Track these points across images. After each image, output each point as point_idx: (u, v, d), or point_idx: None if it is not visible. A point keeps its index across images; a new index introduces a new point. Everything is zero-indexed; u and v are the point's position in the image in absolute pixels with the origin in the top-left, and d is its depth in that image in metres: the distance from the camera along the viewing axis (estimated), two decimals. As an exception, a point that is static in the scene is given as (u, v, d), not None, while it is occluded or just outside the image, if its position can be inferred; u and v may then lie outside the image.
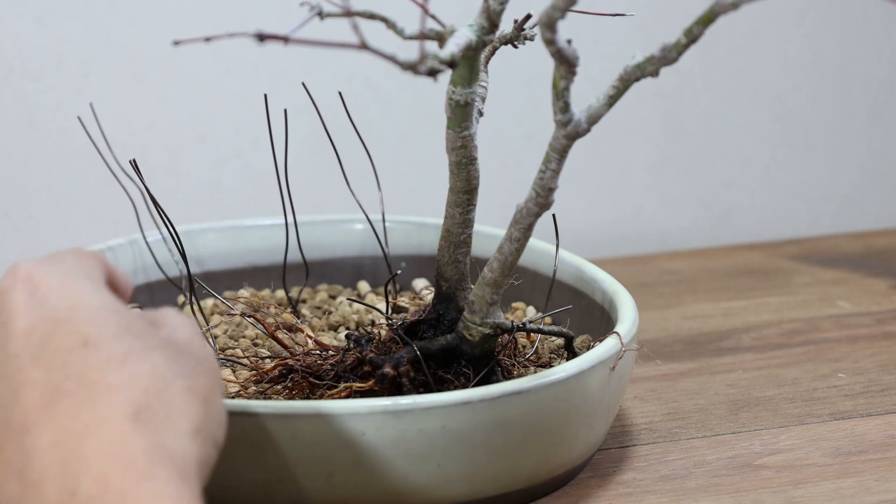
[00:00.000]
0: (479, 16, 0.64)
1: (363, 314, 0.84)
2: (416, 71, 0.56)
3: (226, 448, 0.64)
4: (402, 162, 1.13)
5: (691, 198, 1.21)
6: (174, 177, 1.09)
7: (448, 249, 0.71)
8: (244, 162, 1.11)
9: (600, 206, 1.19)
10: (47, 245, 1.08)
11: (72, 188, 1.08)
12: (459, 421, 0.65)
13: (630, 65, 0.62)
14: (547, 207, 0.65)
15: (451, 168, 0.69)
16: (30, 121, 1.06)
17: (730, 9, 0.58)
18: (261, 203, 1.09)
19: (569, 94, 0.61)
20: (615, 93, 0.63)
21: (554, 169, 0.64)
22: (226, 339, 0.80)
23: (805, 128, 1.22)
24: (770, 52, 1.20)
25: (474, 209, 0.70)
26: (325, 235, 0.91)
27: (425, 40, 0.61)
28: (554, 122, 0.63)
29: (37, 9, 1.04)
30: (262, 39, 0.53)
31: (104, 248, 0.85)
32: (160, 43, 1.07)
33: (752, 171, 1.22)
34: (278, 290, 0.89)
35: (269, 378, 0.71)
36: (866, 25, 1.21)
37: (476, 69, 0.66)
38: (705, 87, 1.19)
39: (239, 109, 1.10)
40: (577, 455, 0.71)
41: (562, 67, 0.61)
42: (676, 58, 0.61)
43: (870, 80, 1.22)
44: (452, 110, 0.67)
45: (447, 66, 0.57)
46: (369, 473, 0.65)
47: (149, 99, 1.08)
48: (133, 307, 0.86)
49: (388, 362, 0.68)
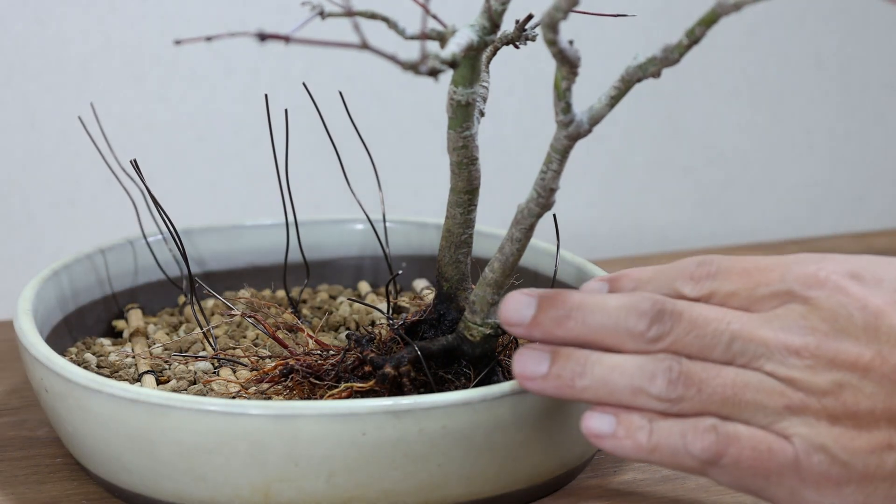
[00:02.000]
0: (481, 16, 0.64)
1: (363, 315, 0.84)
2: (417, 71, 0.56)
3: (226, 448, 0.64)
4: (402, 162, 1.13)
5: (691, 198, 1.21)
6: (174, 177, 1.09)
7: (449, 249, 0.71)
8: (244, 162, 1.11)
9: (600, 205, 1.19)
10: (47, 245, 1.08)
11: (72, 188, 1.08)
12: (460, 421, 0.65)
13: (632, 65, 0.62)
14: (548, 208, 0.65)
15: (452, 168, 0.69)
16: (30, 121, 1.06)
17: (732, 10, 0.58)
18: (261, 203, 1.09)
19: (570, 94, 0.61)
20: (617, 93, 0.63)
21: (555, 169, 0.64)
22: (226, 340, 0.80)
23: (805, 128, 1.22)
24: (770, 52, 1.20)
25: (475, 209, 0.70)
26: (326, 236, 0.91)
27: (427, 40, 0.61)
28: (555, 123, 0.63)
29: (37, 9, 1.04)
30: (264, 39, 0.53)
31: (104, 248, 0.85)
32: (160, 43, 1.07)
33: (752, 171, 1.22)
34: (279, 290, 0.89)
35: (270, 378, 0.71)
36: (866, 25, 1.21)
37: (477, 69, 0.66)
38: (704, 87, 1.19)
39: (239, 109, 1.10)
40: (577, 455, 0.71)
41: (563, 68, 0.61)
42: (678, 59, 0.61)
43: (870, 80, 1.22)
44: (454, 110, 0.67)
45: (448, 66, 0.57)
46: (370, 473, 0.65)
47: (149, 99, 1.08)
48: (133, 307, 0.86)
49: (389, 362, 0.68)
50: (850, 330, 0.60)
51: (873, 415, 0.60)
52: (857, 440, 0.60)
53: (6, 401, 0.83)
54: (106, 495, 0.71)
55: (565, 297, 0.64)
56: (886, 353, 0.60)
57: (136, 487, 0.68)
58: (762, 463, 0.60)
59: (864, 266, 0.62)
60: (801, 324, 0.61)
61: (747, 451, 0.61)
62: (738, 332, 0.61)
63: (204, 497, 0.66)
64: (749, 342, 0.61)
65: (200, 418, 0.64)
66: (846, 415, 0.60)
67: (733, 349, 0.61)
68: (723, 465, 0.61)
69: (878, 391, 0.60)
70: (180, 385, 0.75)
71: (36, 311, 0.76)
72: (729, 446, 0.61)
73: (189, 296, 0.81)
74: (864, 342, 0.60)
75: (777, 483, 0.61)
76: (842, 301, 0.61)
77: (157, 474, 0.66)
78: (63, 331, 0.81)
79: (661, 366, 0.62)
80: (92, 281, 0.84)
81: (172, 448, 0.65)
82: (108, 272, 0.85)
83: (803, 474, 0.60)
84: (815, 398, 0.60)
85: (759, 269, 0.63)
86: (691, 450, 0.61)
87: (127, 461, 0.67)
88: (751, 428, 0.61)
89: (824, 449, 0.60)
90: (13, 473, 0.74)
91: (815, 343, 0.60)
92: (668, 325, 0.62)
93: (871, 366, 0.60)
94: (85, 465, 0.71)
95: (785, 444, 0.60)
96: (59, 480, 0.73)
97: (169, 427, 0.65)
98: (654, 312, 0.62)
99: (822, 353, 0.60)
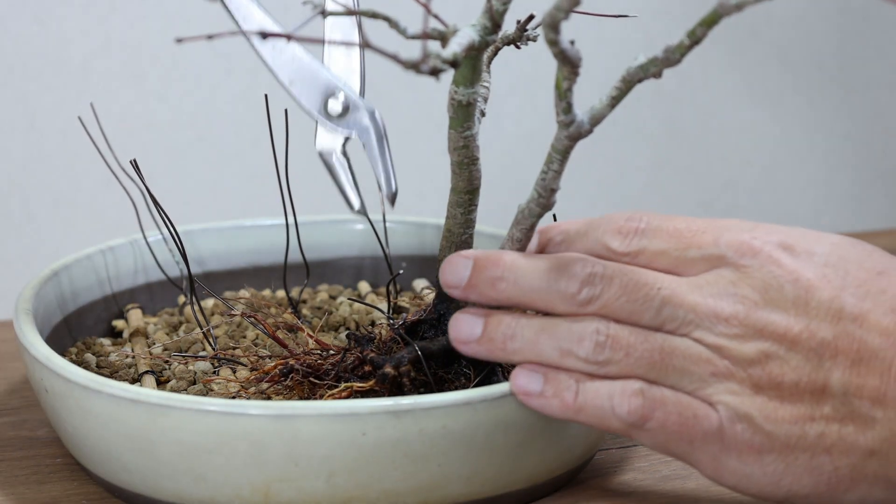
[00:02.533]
0: (482, 16, 0.64)
1: (363, 315, 0.84)
2: (418, 70, 0.56)
3: (226, 448, 0.64)
4: (402, 162, 1.13)
5: (691, 198, 1.21)
6: (174, 177, 1.09)
7: (449, 250, 0.71)
8: (244, 162, 1.10)
9: (600, 205, 1.19)
10: (47, 245, 1.08)
11: (72, 188, 1.08)
12: (460, 421, 0.65)
13: (633, 66, 0.62)
14: (549, 208, 0.65)
15: (452, 168, 0.69)
16: (30, 121, 1.06)
17: (734, 10, 0.58)
18: (261, 203, 1.09)
19: (571, 94, 0.61)
20: (618, 94, 0.63)
21: (556, 170, 0.64)
22: (226, 340, 0.80)
23: (805, 128, 1.22)
24: (770, 52, 1.20)
25: (476, 209, 0.70)
26: (326, 235, 0.91)
27: (428, 40, 0.61)
28: (556, 123, 0.63)
29: (37, 9, 1.04)
30: (265, 38, 0.53)
31: (104, 248, 0.85)
32: (160, 43, 1.07)
33: (752, 171, 1.22)
34: (279, 290, 0.89)
35: (269, 378, 0.71)
36: (866, 25, 1.21)
37: (478, 69, 0.66)
38: (704, 87, 1.19)
39: (239, 109, 1.10)
40: (577, 455, 0.71)
41: (565, 68, 0.61)
42: (680, 59, 0.61)
43: (870, 80, 1.22)
44: (455, 110, 0.67)
45: (449, 65, 0.57)
46: (370, 474, 0.65)
47: (149, 99, 1.08)
48: (133, 307, 0.86)
49: (389, 362, 0.68)
50: (779, 302, 0.61)
51: (798, 387, 0.60)
52: (780, 410, 0.61)
53: (6, 401, 0.83)
54: (106, 495, 0.71)
55: (498, 258, 0.65)
56: (814, 327, 0.60)
57: (136, 487, 0.68)
58: (687, 428, 0.61)
59: (797, 238, 0.63)
60: (732, 291, 0.61)
61: (673, 416, 0.61)
62: (669, 297, 0.62)
63: (204, 497, 0.66)
64: (678, 308, 0.62)
65: (200, 418, 0.64)
66: (771, 385, 0.61)
67: (663, 314, 0.62)
68: (648, 429, 0.62)
69: (803, 364, 0.60)
70: (180, 385, 0.75)
71: (36, 311, 0.76)
72: (655, 410, 0.62)
73: (189, 296, 0.81)
74: (794, 315, 0.61)
75: (701, 448, 0.62)
76: (774, 272, 0.61)
77: (157, 474, 0.66)
78: (63, 331, 0.81)
79: (589, 328, 0.63)
80: (92, 281, 0.84)
81: (172, 448, 0.65)
82: (107, 272, 0.85)
83: (726, 441, 0.61)
84: (740, 367, 0.61)
85: (692, 230, 0.64)
86: (618, 412, 0.62)
87: (127, 461, 0.67)
88: (677, 393, 0.62)
89: (748, 418, 0.61)
90: (13, 473, 0.74)
91: (745, 312, 0.61)
92: (598, 289, 0.63)
93: (798, 338, 0.60)
94: (85, 465, 0.71)
95: (710, 411, 0.61)
96: (59, 480, 0.73)
97: (169, 427, 0.65)
98: (584, 275, 0.63)
99: (750, 323, 0.61)
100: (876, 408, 0.60)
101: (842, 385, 0.60)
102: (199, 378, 0.75)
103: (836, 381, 0.60)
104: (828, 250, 0.62)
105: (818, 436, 0.60)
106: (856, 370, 0.60)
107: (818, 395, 0.60)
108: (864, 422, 0.60)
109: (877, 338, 0.60)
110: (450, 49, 0.59)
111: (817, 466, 0.61)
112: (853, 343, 0.60)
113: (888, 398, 0.59)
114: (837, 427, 0.60)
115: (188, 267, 0.81)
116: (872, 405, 0.60)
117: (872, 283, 0.61)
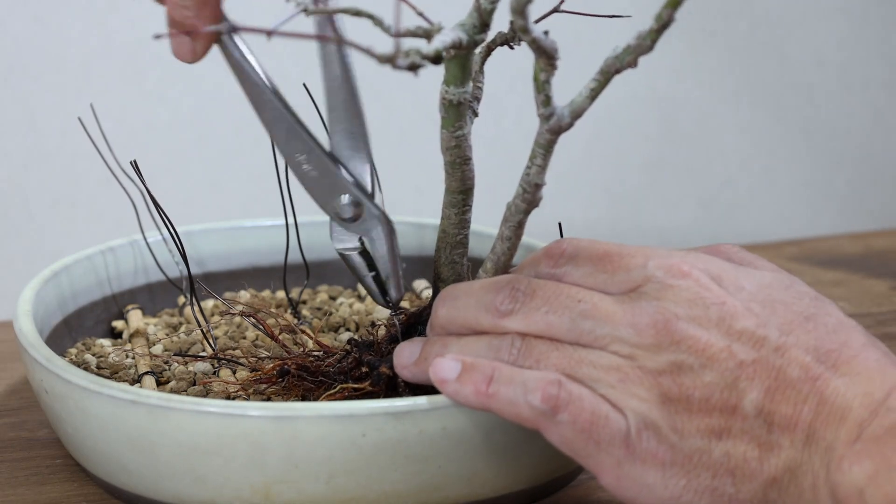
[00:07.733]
0: (470, 15, 0.63)
1: (363, 315, 0.84)
2: (395, 65, 0.55)
3: (226, 449, 0.64)
4: (402, 162, 1.13)
5: (690, 197, 1.21)
6: (174, 177, 1.09)
7: (445, 250, 0.71)
8: (244, 162, 1.11)
9: (598, 205, 1.19)
10: (47, 245, 1.08)
11: (72, 188, 1.08)
12: (460, 422, 0.65)
13: (609, 56, 0.62)
14: (535, 204, 0.65)
15: (445, 168, 0.69)
16: (30, 121, 1.06)
17: None
18: (261, 203, 1.09)
19: (550, 87, 0.61)
20: (597, 86, 0.62)
21: (539, 164, 0.64)
22: (226, 340, 0.80)
23: (805, 128, 1.22)
24: (769, 52, 1.20)
25: (470, 210, 0.70)
26: (326, 236, 0.91)
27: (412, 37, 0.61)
28: (537, 117, 0.63)
29: (37, 9, 1.04)
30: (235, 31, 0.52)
31: (104, 249, 0.85)
32: (160, 43, 1.07)
33: (752, 171, 1.22)
34: (279, 291, 0.89)
35: (266, 378, 0.71)
36: (866, 25, 1.21)
37: (468, 68, 0.65)
38: (703, 86, 1.19)
39: (239, 109, 1.10)
40: (577, 456, 0.71)
41: (541, 59, 0.60)
42: (651, 45, 0.60)
43: (870, 80, 1.22)
44: (446, 110, 0.66)
45: (430, 61, 0.57)
46: (370, 475, 0.65)
47: (149, 99, 1.08)
48: (133, 308, 0.86)
49: (385, 363, 0.68)
50: (703, 320, 0.61)
51: (708, 402, 0.60)
52: (687, 423, 0.61)
53: (6, 401, 0.83)
54: (106, 496, 0.71)
55: (449, 289, 0.67)
56: (736, 348, 0.61)
57: (135, 489, 0.68)
58: (597, 428, 0.61)
59: (727, 271, 0.63)
60: (654, 305, 0.62)
61: (586, 412, 0.62)
62: (588, 310, 0.63)
63: (204, 498, 0.66)
64: (596, 320, 0.62)
65: (200, 419, 0.64)
66: (680, 397, 0.61)
67: (580, 326, 0.63)
68: (559, 421, 0.62)
69: (718, 380, 0.60)
70: (180, 386, 0.75)
71: (36, 311, 0.76)
72: (570, 403, 0.62)
73: (189, 296, 0.81)
74: (716, 334, 0.61)
75: (606, 451, 0.62)
76: (701, 294, 0.62)
77: (157, 475, 0.66)
78: (63, 332, 0.81)
79: (506, 341, 0.64)
80: (92, 282, 0.84)
81: (172, 449, 0.65)
82: (107, 273, 0.85)
83: (632, 448, 0.61)
84: (651, 375, 0.61)
85: (621, 254, 0.64)
86: (531, 399, 0.62)
87: (127, 462, 0.67)
88: (594, 393, 0.62)
89: (654, 426, 0.61)
90: (13, 474, 0.74)
91: (664, 322, 0.61)
92: (519, 302, 0.64)
93: (717, 356, 0.61)
94: (85, 466, 0.71)
95: (619, 416, 0.61)
96: (59, 482, 0.73)
97: (169, 428, 0.65)
98: (508, 289, 0.64)
99: (668, 333, 0.61)
100: (784, 435, 0.60)
101: (755, 407, 0.60)
102: (199, 379, 0.75)
103: (750, 403, 0.60)
104: (755, 290, 0.62)
105: (723, 454, 0.60)
106: (770, 396, 0.60)
107: (729, 413, 0.60)
108: (769, 447, 0.60)
109: (796, 370, 0.60)
110: (431, 45, 0.59)
111: (718, 488, 0.60)
112: (772, 371, 0.60)
113: (798, 429, 0.59)
114: (743, 448, 0.60)
115: (188, 267, 0.81)
116: (781, 432, 0.60)
117: (798, 325, 0.61)
